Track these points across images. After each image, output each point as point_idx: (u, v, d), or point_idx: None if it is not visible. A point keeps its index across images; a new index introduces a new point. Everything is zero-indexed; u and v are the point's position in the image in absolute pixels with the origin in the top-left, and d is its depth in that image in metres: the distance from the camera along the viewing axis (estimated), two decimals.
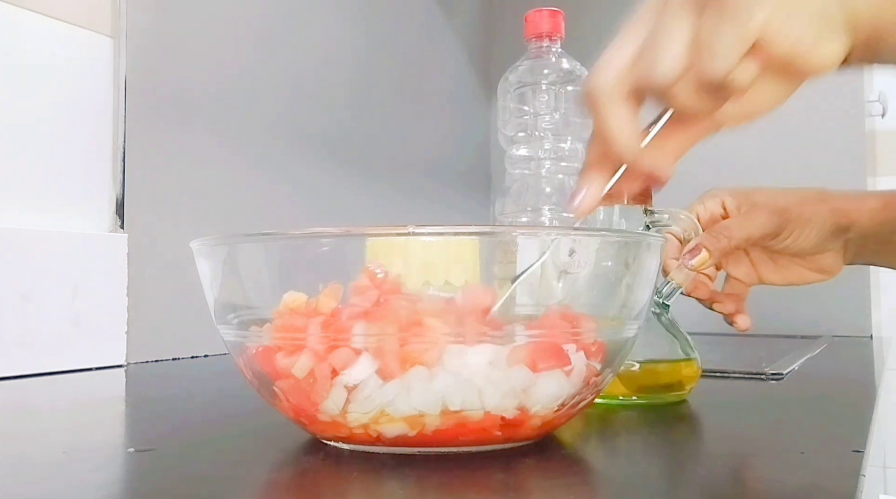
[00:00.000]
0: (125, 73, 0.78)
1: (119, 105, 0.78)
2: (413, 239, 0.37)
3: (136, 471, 0.37)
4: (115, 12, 0.78)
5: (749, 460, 0.38)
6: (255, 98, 0.94)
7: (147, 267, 0.78)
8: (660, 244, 0.41)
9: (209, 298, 0.41)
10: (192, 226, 0.83)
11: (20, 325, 0.67)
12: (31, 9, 0.71)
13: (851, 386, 0.70)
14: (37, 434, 0.46)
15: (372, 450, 0.37)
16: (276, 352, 0.37)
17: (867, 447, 0.39)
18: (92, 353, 0.73)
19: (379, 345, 0.35)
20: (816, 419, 0.51)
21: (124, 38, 0.78)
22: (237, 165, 0.91)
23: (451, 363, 0.35)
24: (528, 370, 0.36)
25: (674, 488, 0.34)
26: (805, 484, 0.34)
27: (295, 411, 0.38)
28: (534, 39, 0.78)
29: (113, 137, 0.78)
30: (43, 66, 0.72)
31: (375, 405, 0.35)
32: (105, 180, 0.77)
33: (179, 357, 0.81)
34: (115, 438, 0.47)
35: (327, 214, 1.04)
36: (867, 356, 0.96)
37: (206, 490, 0.33)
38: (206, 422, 0.49)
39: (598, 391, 0.41)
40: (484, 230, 0.39)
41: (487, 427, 0.36)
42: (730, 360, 0.86)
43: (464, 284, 0.37)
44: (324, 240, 0.37)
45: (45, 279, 0.69)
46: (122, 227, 0.77)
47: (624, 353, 0.41)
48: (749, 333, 1.18)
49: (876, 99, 1.32)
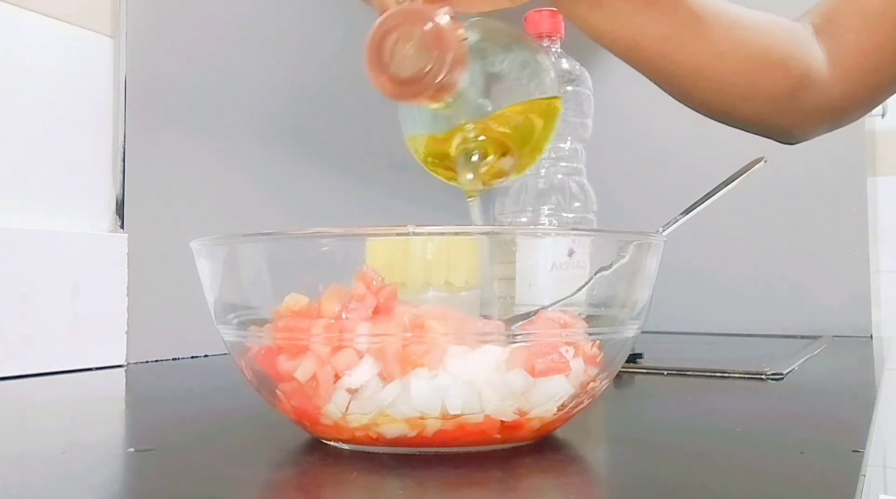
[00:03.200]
0: (125, 73, 0.78)
1: (119, 105, 0.78)
2: (413, 239, 0.37)
3: (136, 471, 0.37)
4: (115, 12, 0.78)
5: (749, 460, 0.38)
6: (255, 98, 0.94)
7: (147, 267, 0.78)
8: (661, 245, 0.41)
9: (209, 298, 0.41)
10: (192, 226, 0.83)
11: (20, 325, 0.67)
12: (31, 9, 0.71)
13: (851, 386, 0.70)
14: (37, 434, 0.46)
15: (372, 450, 0.37)
16: (278, 353, 0.37)
17: (867, 447, 0.39)
18: (92, 353, 0.73)
19: (381, 347, 0.35)
20: (816, 419, 0.51)
21: (124, 38, 0.78)
22: (237, 165, 0.91)
23: (452, 366, 0.35)
24: (527, 374, 0.36)
25: (673, 487, 0.34)
26: (805, 484, 0.34)
27: (296, 413, 0.38)
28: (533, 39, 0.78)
29: (113, 137, 0.78)
30: (43, 66, 0.72)
31: (375, 407, 0.35)
32: (105, 180, 0.77)
33: (179, 357, 0.81)
34: (115, 437, 0.47)
35: (327, 214, 1.04)
36: (867, 356, 0.96)
37: (206, 490, 0.33)
38: (206, 422, 0.49)
39: (597, 393, 0.41)
40: (484, 230, 0.39)
41: (487, 430, 0.36)
42: (730, 360, 0.86)
43: (464, 283, 0.37)
44: (324, 240, 0.37)
45: (45, 279, 0.69)
46: (122, 227, 0.77)
47: (623, 353, 0.41)
48: (749, 333, 1.19)
49: None
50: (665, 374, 0.69)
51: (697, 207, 0.49)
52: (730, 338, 1.16)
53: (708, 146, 1.17)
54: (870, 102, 0.64)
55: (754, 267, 1.26)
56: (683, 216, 0.48)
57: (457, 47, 0.40)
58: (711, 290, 1.27)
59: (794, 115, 0.61)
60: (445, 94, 0.41)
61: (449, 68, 0.40)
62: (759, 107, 0.60)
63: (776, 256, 1.25)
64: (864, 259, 1.20)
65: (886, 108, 1.33)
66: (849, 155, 1.22)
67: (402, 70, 0.41)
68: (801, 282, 1.23)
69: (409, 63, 0.41)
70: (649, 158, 1.35)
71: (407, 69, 0.41)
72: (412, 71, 0.40)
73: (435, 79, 0.40)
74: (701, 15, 0.55)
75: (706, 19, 0.55)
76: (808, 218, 1.23)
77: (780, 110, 0.60)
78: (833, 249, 1.21)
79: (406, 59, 0.41)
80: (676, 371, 0.70)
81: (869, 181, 1.26)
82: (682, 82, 0.58)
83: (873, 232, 1.23)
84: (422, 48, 0.40)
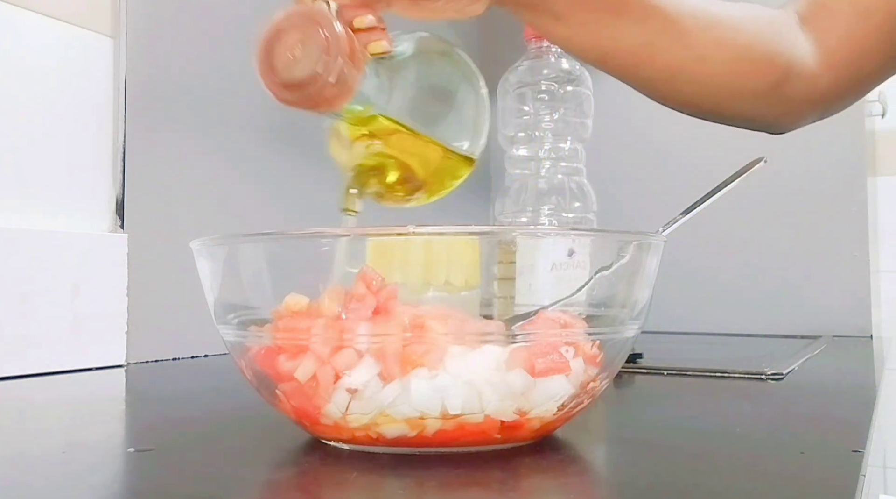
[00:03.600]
0: (125, 73, 0.78)
1: (119, 105, 0.77)
2: (413, 239, 0.37)
3: (136, 471, 0.37)
4: (115, 12, 0.78)
5: (749, 460, 0.38)
6: (255, 98, 0.94)
7: (147, 267, 0.78)
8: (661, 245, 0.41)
9: (209, 298, 0.41)
10: (192, 226, 0.83)
11: (20, 325, 0.67)
12: (31, 9, 0.71)
13: (851, 386, 0.70)
14: (37, 434, 0.46)
15: (372, 450, 0.37)
16: (278, 353, 0.37)
17: (867, 447, 0.39)
18: (92, 353, 0.73)
19: (381, 347, 0.35)
20: (816, 419, 0.51)
21: (124, 38, 0.78)
22: (237, 165, 0.91)
23: (452, 366, 0.35)
24: (527, 374, 0.36)
25: (673, 487, 0.34)
26: (805, 484, 0.34)
27: (296, 413, 0.38)
28: (533, 40, 0.78)
29: (113, 137, 0.78)
30: (43, 66, 0.72)
31: (375, 407, 0.35)
32: (105, 180, 0.77)
33: (179, 357, 0.81)
34: (115, 437, 0.47)
35: (327, 214, 1.04)
36: (867, 356, 0.96)
37: (206, 490, 0.33)
38: (206, 422, 0.49)
39: (597, 393, 0.41)
40: (484, 230, 0.39)
41: (487, 430, 0.36)
42: (730, 360, 0.86)
43: (464, 284, 0.37)
44: (324, 240, 0.37)
45: (45, 279, 0.69)
46: (122, 227, 0.77)
47: (623, 353, 0.41)
48: (749, 333, 1.19)
49: (876, 99, 1.32)
50: (665, 374, 0.69)
51: (697, 207, 0.49)
52: (730, 338, 1.16)
53: (708, 146, 1.17)
54: (858, 90, 0.63)
55: (754, 267, 1.26)
56: (683, 216, 0.48)
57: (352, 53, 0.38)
58: (711, 290, 1.27)
59: (781, 107, 0.60)
60: (337, 103, 0.39)
61: (338, 74, 0.37)
62: (744, 103, 0.59)
63: (776, 256, 1.25)
64: (864, 259, 1.20)
65: (886, 108, 1.33)
66: (849, 155, 1.22)
67: (292, 73, 0.39)
68: (801, 282, 1.23)
69: (298, 67, 0.38)
70: (649, 158, 1.35)
71: (296, 73, 0.38)
72: (301, 75, 0.38)
73: (324, 83, 0.37)
74: (676, 18, 0.53)
75: (681, 22, 0.53)
76: (808, 218, 1.23)
77: (765, 104, 0.59)
78: (833, 249, 1.21)
79: (296, 62, 0.39)
80: (676, 371, 0.70)
81: (869, 181, 1.26)
82: (660, 87, 0.56)
83: (873, 232, 1.23)
84: (312, 52, 0.38)
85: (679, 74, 0.55)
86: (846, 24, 0.59)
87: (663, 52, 0.54)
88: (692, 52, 0.54)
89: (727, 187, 0.50)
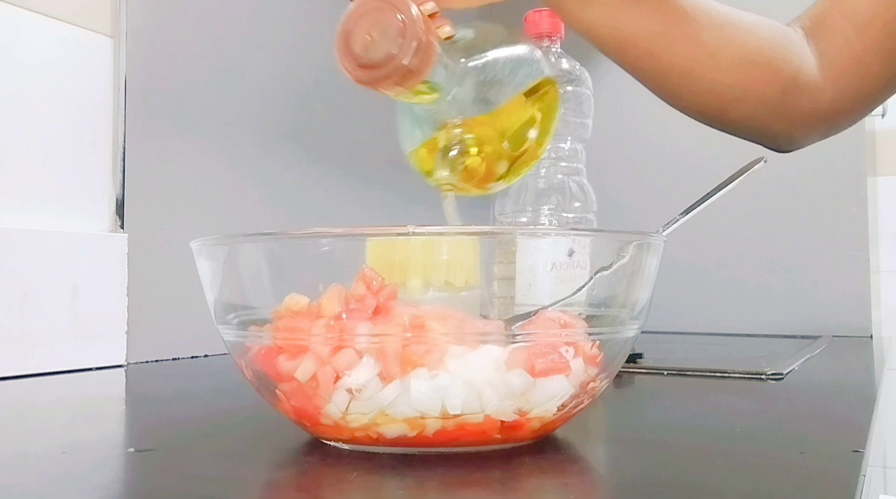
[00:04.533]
0: (125, 73, 0.78)
1: (119, 105, 0.78)
2: (413, 239, 0.37)
3: (136, 471, 0.37)
4: (115, 12, 0.78)
5: (749, 459, 0.38)
6: (255, 98, 0.94)
7: (147, 267, 0.78)
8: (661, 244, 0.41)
9: (209, 299, 0.41)
10: (192, 226, 0.83)
11: (20, 325, 0.67)
12: (31, 9, 0.71)
13: (851, 386, 0.70)
14: (37, 434, 0.46)
15: (372, 450, 0.37)
16: (278, 353, 0.37)
17: (867, 447, 0.39)
18: (92, 353, 0.73)
19: (381, 347, 0.35)
20: (816, 419, 0.51)
21: (124, 38, 0.78)
22: (237, 166, 0.91)
23: (452, 366, 0.35)
24: (527, 374, 0.36)
25: (673, 487, 0.34)
26: (805, 484, 0.34)
27: (296, 413, 0.38)
28: (534, 39, 0.78)
29: (113, 137, 0.78)
30: (43, 66, 0.72)
31: (375, 407, 0.35)
32: (105, 180, 0.77)
33: (179, 357, 0.81)
34: (115, 437, 0.47)
35: (327, 214, 1.04)
36: (867, 356, 0.96)
37: (206, 490, 0.33)
38: (206, 422, 0.49)
39: (597, 393, 0.41)
40: (484, 230, 0.39)
41: (487, 430, 0.36)
42: (730, 360, 0.86)
43: (464, 283, 0.37)
44: (324, 240, 0.37)
45: (45, 279, 0.69)
46: (122, 227, 0.77)
47: (623, 353, 0.41)
48: (749, 333, 1.19)
49: None
50: (665, 374, 0.70)
51: (697, 207, 0.49)
52: (730, 338, 1.16)
53: (708, 146, 1.17)
54: (861, 108, 0.63)
55: (754, 267, 1.26)
56: (683, 216, 0.48)
57: (425, 36, 0.41)
58: (711, 290, 1.27)
59: (786, 120, 0.61)
60: (411, 81, 0.42)
61: (413, 55, 0.40)
62: (750, 110, 0.59)
63: (776, 255, 1.25)
64: (864, 259, 1.20)
65: (886, 108, 1.33)
66: (849, 155, 1.22)
67: (368, 55, 0.42)
68: (801, 282, 1.23)
69: (375, 48, 0.42)
70: (649, 158, 1.35)
71: (372, 54, 0.42)
72: (377, 56, 0.41)
73: (398, 63, 0.40)
74: (690, 13, 0.55)
75: (696, 18, 0.55)
76: (808, 218, 1.23)
77: (771, 114, 0.60)
78: (833, 249, 1.21)
79: (373, 44, 0.42)
80: (676, 371, 0.70)
81: (869, 181, 1.26)
82: (671, 83, 0.58)
83: (873, 232, 1.23)
84: (389, 35, 0.41)
85: (689, 72, 0.56)
86: (845, 40, 0.59)
87: (676, 45, 0.55)
88: (703, 48, 0.55)
89: (727, 187, 0.50)
